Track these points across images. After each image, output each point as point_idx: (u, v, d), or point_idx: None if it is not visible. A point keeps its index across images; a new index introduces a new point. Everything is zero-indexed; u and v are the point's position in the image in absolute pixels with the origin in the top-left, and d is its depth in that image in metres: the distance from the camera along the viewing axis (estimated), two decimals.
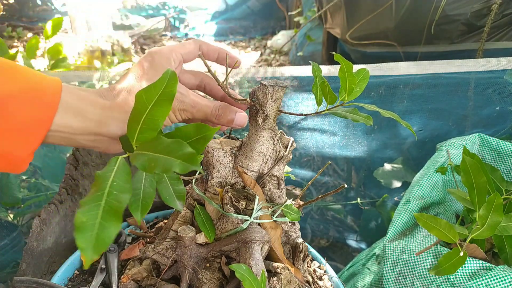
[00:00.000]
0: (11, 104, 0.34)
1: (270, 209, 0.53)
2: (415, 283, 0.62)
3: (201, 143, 0.38)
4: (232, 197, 0.51)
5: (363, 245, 1.18)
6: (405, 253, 0.65)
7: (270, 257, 0.54)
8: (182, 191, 0.40)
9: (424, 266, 0.61)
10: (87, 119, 0.40)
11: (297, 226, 0.58)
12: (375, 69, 0.95)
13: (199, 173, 0.57)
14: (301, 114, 0.53)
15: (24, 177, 1.12)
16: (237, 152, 0.54)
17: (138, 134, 0.36)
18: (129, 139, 0.36)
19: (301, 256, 0.56)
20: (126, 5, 4.56)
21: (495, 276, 0.54)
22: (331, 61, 2.35)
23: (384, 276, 0.67)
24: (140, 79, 0.45)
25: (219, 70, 0.91)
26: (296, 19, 3.23)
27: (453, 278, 0.57)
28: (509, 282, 0.53)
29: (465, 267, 0.57)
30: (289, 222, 0.56)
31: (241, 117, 0.51)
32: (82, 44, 2.86)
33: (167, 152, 0.32)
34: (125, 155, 0.36)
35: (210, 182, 0.54)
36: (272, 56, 3.65)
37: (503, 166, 0.77)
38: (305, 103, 1.12)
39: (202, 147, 0.38)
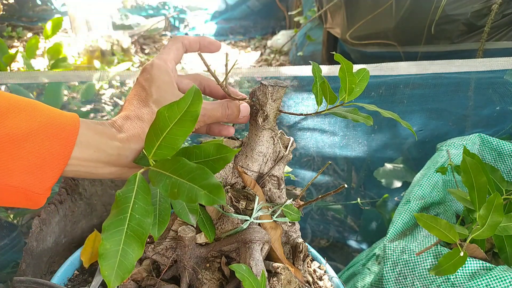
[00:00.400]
0: (30, 141, 0.34)
1: (270, 209, 0.53)
2: (415, 283, 0.62)
3: (221, 163, 0.36)
4: (232, 197, 0.51)
5: (363, 245, 1.18)
6: (405, 253, 0.65)
7: (270, 257, 0.54)
8: (195, 206, 0.39)
9: (424, 266, 0.61)
10: (106, 153, 0.40)
11: (297, 226, 0.58)
12: (375, 69, 0.95)
13: None
14: (301, 114, 0.53)
15: None
16: (237, 152, 0.54)
17: (156, 150, 0.34)
18: (146, 154, 0.35)
19: (301, 256, 0.56)
20: (126, 5, 4.56)
21: (495, 276, 0.54)
22: (331, 61, 2.35)
23: (384, 276, 0.66)
24: (147, 102, 0.44)
25: (219, 70, 0.91)
26: (296, 19, 3.23)
27: (453, 278, 0.57)
28: (509, 282, 0.53)
29: (465, 267, 0.57)
30: (289, 222, 0.56)
31: (245, 107, 0.51)
32: (82, 44, 2.86)
33: (191, 179, 0.31)
34: (142, 170, 0.35)
35: None
36: (272, 56, 3.65)
37: (503, 166, 0.77)
38: (305, 103, 1.12)
39: (221, 167, 0.36)
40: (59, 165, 0.36)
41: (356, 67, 0.49)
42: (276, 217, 0.53)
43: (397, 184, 1.14)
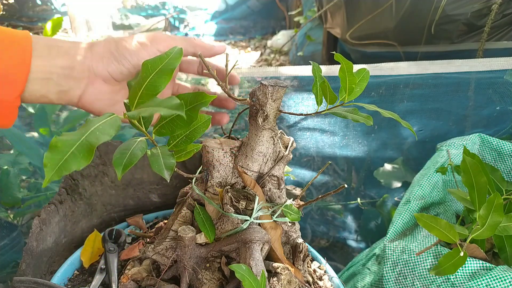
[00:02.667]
0: None
1: (270, 209, 0.53)
2: (415, 283, 0.62)
3: (197, 108, 0.42)
4: (232, 197, 0.51)
5: (363, 245, 1.18)
6: (405, 253, 0.65)
7: (270, 257, 0.54)
8: (172, 164, 0.41)
9: (424, 266, 0.61)
10: (68, 59, 0.44)
11: (297, 226, 0.58)
12: (375, 69, 0.95)
13: (199, 172, 0.57)
14: (301, 114, 0.53)
15: (24, 177, 1.12)
16: (237, 152, 0.54)
17: (138, 100, 0.38)
18: (129, 105, 0.39)
19: (301, 256, 0.56)
20: (126, 5, 4.56)
21: (495, 276, 0.54)
22: (331, 61, 2.35)
23: (384, 276, 0.66)
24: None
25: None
26: (296, 19, 3.23)
27: (453, 278, 0.57)
28: (509, 282, 0.53)
29: (465, 267, 0.57)
30: (289, 222, 0.56)
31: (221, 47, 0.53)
32: None
33: (157, 105, 0.35)
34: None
35: (210, 182, 0.54)
36: (272, 56, 3.65)
37: (503, 166, 0.77)
38: (305, 103, 1.12)
39: (197, 113, 0.42)
40: (22, 73, 0.41)
41: (356, 67, 0.49)
42: (276, 217, 0.53)
43: (397, 184, 1.14)
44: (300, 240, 0.57)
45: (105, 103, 0.49)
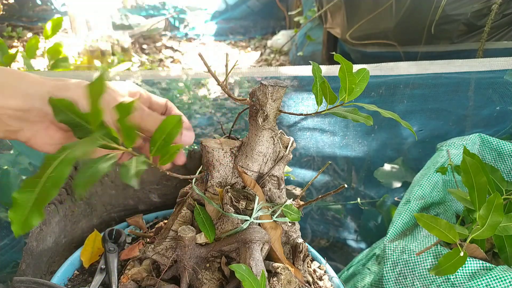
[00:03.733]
0: None
1: (270, 209, 0.53)
2: (415, 283, 0.62)
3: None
4: (232, 197, 0.51)
5: (363, 245, 1.18)
6: (405, 253, 0.65)
7: (270, 257, 0.54)
8: (140, 170, 0.40)
9: (424, 266, 0.61)
10: (27, 98, 0.41)
11: (297, 226, 0.58)
12: (375, 69, 0.95)
13: (199, 172, 0.57)
14: (301, 114, 0.53)
15: (24, 177, 1.12)
16: (237, 152, 0.54)
17: None
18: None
19: (301, 256, 0.56)
20: (126, 5, 4.56)
21: (495, 276, 0.54)
22: (331, 61, 2.35)
23: (384, 276, 0.66)
24: None
25: (219, 70, 0.91)
26: (296, 19, 3.23)
27: (453, 278, 0.57)
28: (509, 282, 0.53)
29: (465, 267, 0.57)
30: (289, 222, 0.56)
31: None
32: (82, 44, 2.86)
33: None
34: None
35: (210, 182, 0.54)
36: (272, 56, 3.65)
37: (503, 166, 0.77)
38: (305, 103, 1.12)
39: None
40: None
41: (356, 67, 0.49)
42: (276, 217, 0.53)
43: (397, 184, 1.14)
44: (300, 240, 0.57)
45: (55, 147, 0.46)
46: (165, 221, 0.68)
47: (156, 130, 0.41)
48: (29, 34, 3.60)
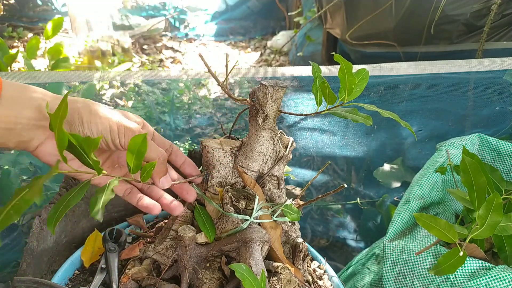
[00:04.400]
0: None
1: (270, 209, 0.53)
2: (414, 283, 0.62)
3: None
4: (232, 197, 0.51)
5: (362, 245, 1.18)
6: (405, 253, 0.65)
7: (270, 256, 0.54)
8: (106, 200, 0.41)
9: (423, 265, 0.62)
10: (41, 108, 0.43)
11: (297, 226, 0.58)
12: (375, 69, 0.95)
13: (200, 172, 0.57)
14: (301, 114, 0.54)
15: (24, 177, 1.12)
16: (237, 152, 0.54)
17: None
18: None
19: (301, 256, 0.56)
20: (126, 5, 4.56)
21: (495, 276, 0.54)
22: (331, 61, 2.35)
23: (384, 276, 0.67)
24: None
25: (219, 71, 0.92)
26: (296, 19, 3.23)
27: (452, 278, 0.57)
28: (509, 282, 0.53)
29: (464, 267, 0.57)
30: (289, 222, 0.56)
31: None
32: (82, 44, 2.86)
33: None
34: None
35: (210, 182, 0.54)
36: (272, 56, 3.65)
37: (502, 166, 0.77)
38: (305, 103, 1.12)
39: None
40: None
41: (356, 68, 0.50)
42: (276, 217, 0.53)
43: (396, 184, 1.14)
44: (300, 240, 0.58)
45: (56, 159, 0.46)
46: (166, 220, 0.68)
47: (127, 152, 0.42)
48: (30, 35, 3.60)
